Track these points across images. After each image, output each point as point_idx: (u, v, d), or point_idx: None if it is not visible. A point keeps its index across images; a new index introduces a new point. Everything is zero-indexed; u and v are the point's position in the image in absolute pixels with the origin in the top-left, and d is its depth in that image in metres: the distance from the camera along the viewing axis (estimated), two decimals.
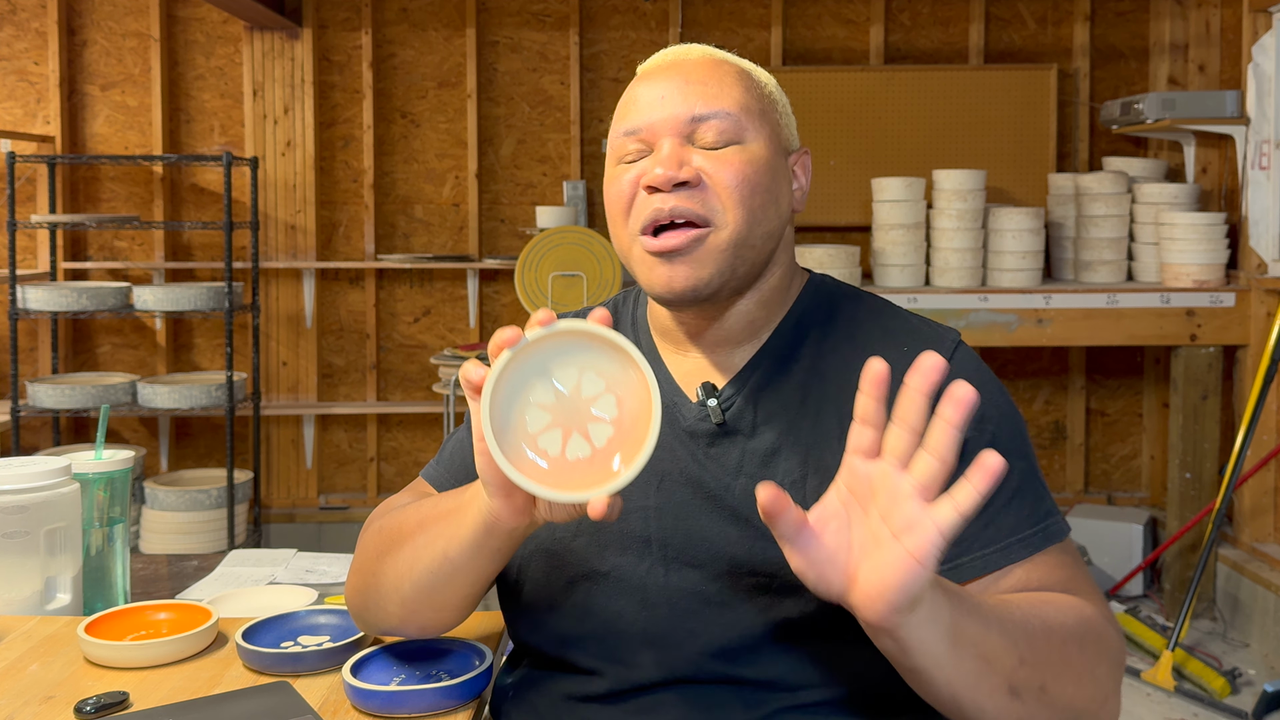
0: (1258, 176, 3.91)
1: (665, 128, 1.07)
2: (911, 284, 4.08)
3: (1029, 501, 1.05)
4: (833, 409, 1.08)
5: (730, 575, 1.06)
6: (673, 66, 1.11)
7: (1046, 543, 1.05)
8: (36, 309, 4.00)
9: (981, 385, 1.04)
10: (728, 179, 1.05)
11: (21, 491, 1.38)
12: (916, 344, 1.09)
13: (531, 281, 3.98)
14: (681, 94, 1.07)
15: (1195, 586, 3.46)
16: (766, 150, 1.09)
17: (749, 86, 1.11)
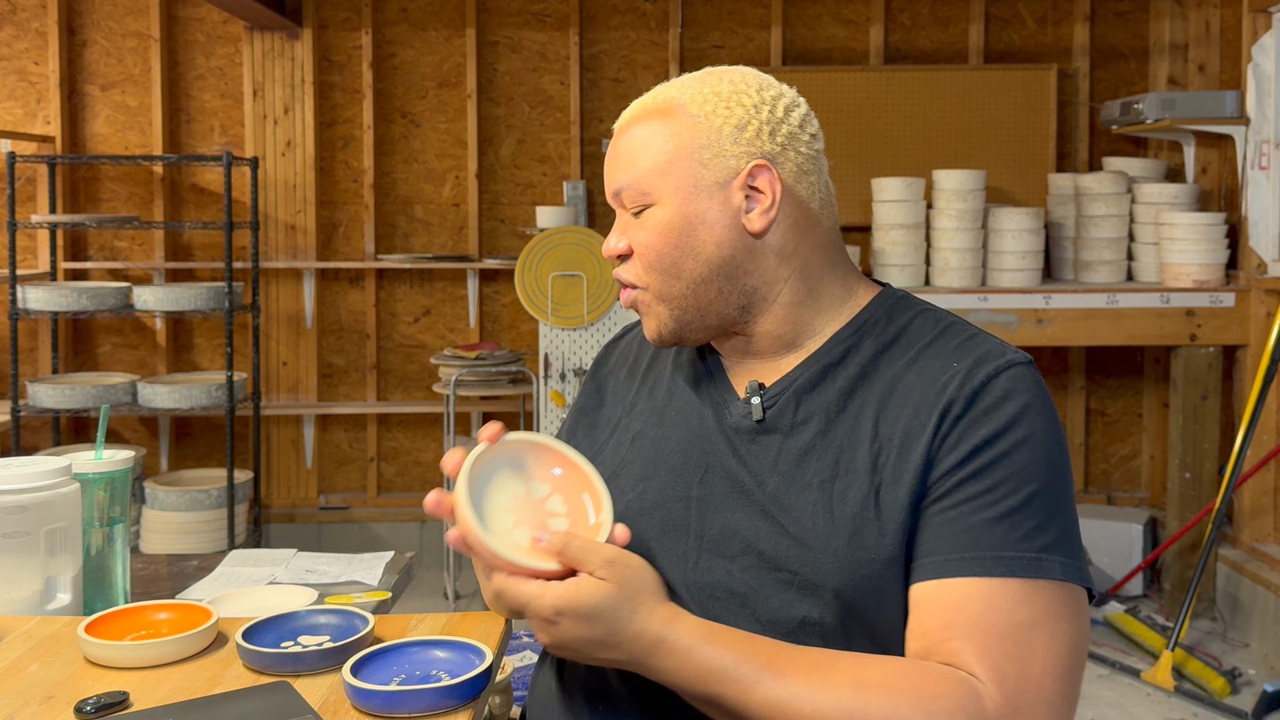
0: (1257, 176, 3.91)
1: (612, 201, 1.20)
2: (911, 284, 4.08)
3: (1027, 528, 1.00)
4: (870, 414, 1.09)
5: (757, 569, 1.08)
6: (611, 141, 1.20)
7: (1029, 573, 0.98)
8: (37, 309, 4.00)
9: (1018, 408, 1.04)
10: (639, 248, 1.16)
11: (22, 491, 1.38)
12: (968, 359, 1.08)
13: (531, 281, 3.98)
14: (610, 168, 1.18)
15: (1195, 586, 3.46)
16: (675, 206, 1.14)
17: (662, 139, 1.14)
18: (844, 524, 1.05)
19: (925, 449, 1.04)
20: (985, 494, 1.01)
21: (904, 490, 1.04)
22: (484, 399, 4.61)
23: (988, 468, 1.02)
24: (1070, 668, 0.98)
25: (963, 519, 1.01)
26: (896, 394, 1.09)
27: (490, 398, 4.61)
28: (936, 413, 1.05)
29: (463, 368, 4.15)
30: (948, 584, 1.00)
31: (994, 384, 1.05)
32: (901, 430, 1.06)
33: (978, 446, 1.03)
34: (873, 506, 1.05)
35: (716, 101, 1.14)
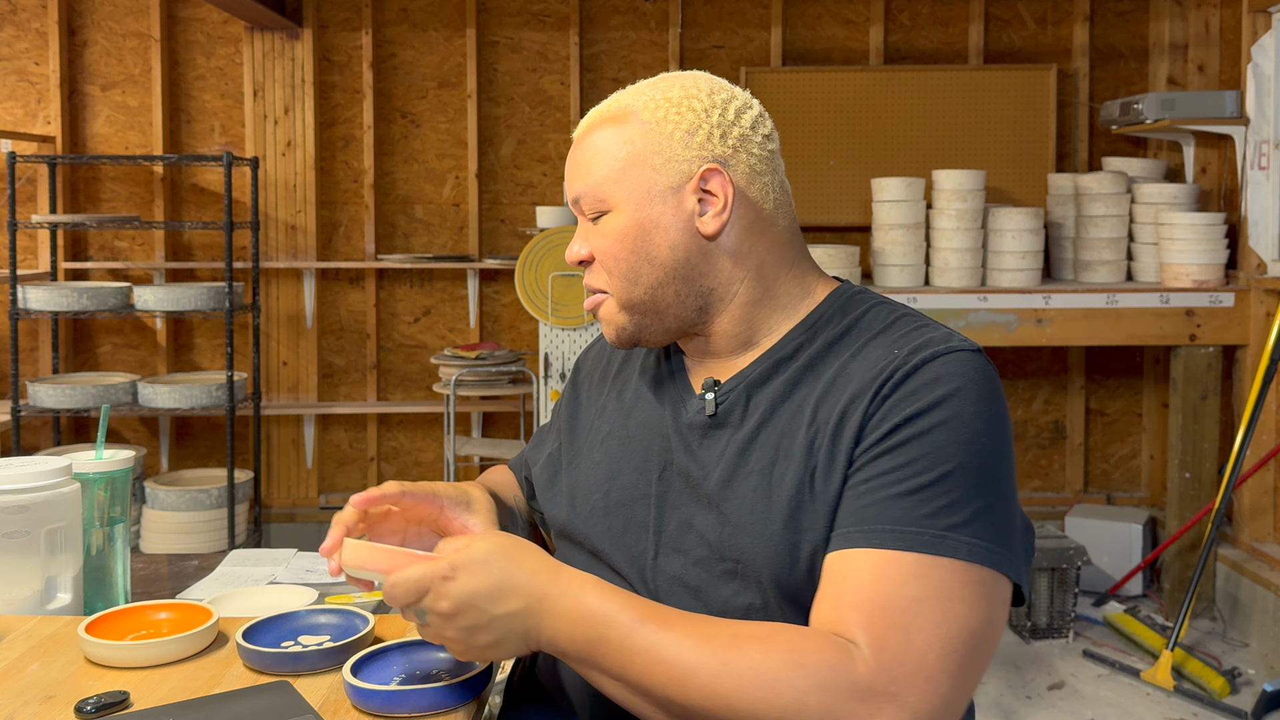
0: (1257, 176, 3.91)
1: (573, 208, 1.23)
2: (911, 284, 4.08)
3: (936, 506, 0.99)
4: (812, 401, 1.11)
5: (706, 561, 1.12)
6: (571, 149, 1.22)
7: (929, 549, 0.97)
8: (37, 309, 4.00)
9: (949, 391, 1.04)
10: (600, 254, 1.19)
11: (22, 491, 1.38)
12: (907, 346, 1.09)
13: (531, 281, 3.98)
14: (569, 176, 1.21)
15: (1195, 586, 3.46)
16: (629, 212, 1.16)
17: (616, 146, 1.17)
18: (780, 508, 1.07)
19: (856, 429, 1.06)
20: (897, 470, 1.01)
21: (837, 472, 1.05)
22: (484, 399, 4.62)
23: (903, 444, 1.02)
24: (958, 648, 0.95)
25: (871, 493, 1.02)
26: (838, 382, 1.11)
27: (490, 398, 4.62)
28: (869, 394, 1.06)
29: (463, 368, 4.15)
30: (847, 554, 1.00)
31: (928, 367, 1.05)
32: (837, 414, 1.07)
33: (898, 424, 1.03)
34: (808, 489, 1.06)
35: (668, 107, 1.16)
